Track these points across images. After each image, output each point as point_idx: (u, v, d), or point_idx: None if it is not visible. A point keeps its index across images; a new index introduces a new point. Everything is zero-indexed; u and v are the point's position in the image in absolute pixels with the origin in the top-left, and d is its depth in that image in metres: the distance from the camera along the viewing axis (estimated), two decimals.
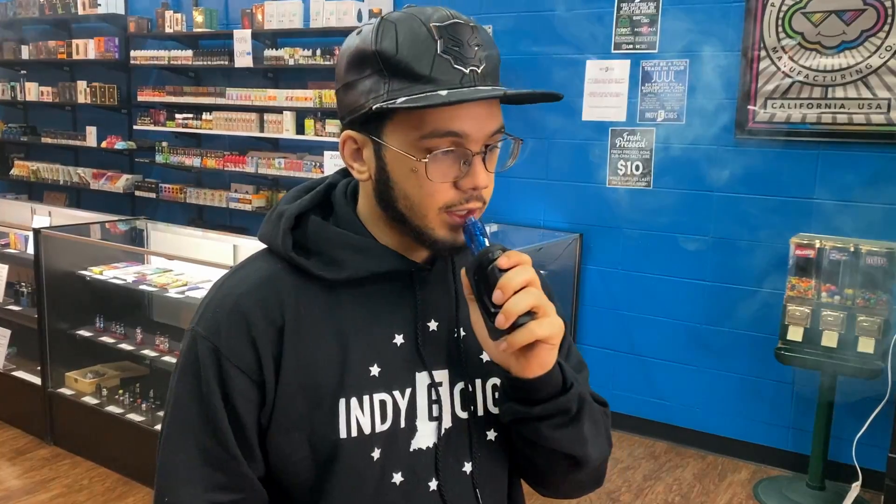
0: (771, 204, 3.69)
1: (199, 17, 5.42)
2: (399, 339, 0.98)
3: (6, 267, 4.27)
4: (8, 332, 4.18)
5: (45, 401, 3.85)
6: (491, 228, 4.44)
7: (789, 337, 3.40)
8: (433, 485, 0.98)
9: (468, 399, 1.00)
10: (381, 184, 0.94)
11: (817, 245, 3.35)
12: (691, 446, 4.03)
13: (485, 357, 1.02)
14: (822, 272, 3.35)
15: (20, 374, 4.05)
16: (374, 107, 0.88)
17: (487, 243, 0.90)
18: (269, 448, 0.94)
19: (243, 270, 1.00)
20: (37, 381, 3.91)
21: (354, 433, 0.94)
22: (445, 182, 0.91)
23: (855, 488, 3.27)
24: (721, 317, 3.86)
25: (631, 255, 4.11)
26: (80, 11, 5.90)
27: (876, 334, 3.25)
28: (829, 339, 3.33)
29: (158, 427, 3.01)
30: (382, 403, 0.95)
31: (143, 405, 3.60)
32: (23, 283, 4.28)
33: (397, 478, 0.96)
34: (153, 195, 5.83)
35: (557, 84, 4.18)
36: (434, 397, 0.98)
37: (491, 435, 1.02)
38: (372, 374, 0.95)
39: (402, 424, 0.96)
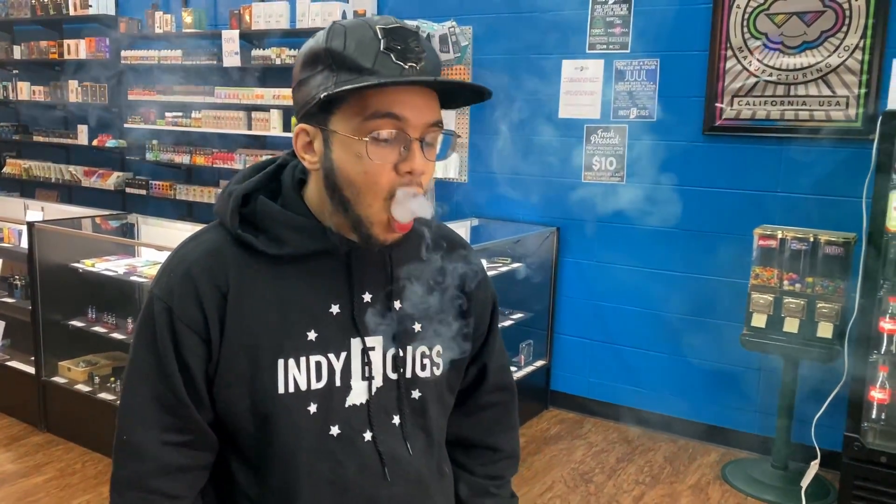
0: (737, 197, 3.86)
1: (188, 18, 5.55)
2: (335, 309, 1.09)
3: (0, 260, 4.38)
4: (2, 324, 4.30)
5: (38, 389, 3.98)
6: (472, 223, 4.59)
7: (753, 324, 3.56)
8: (367, 435, 1.10)
9: (399, 363, 1.13)
10: (329, 171, 1.03)
11: (779, 236, 3.51)
12: (664, 431, 4.18)
13: (416, 327, 1.15)
14: (783, 262, 3.51)
15: (14, 363, 4.17)
16: (321, 95, 0.98)
17: None
18: (216, 398, 1.06)
19: (196, 240, 1.11)
20: (30, 370, 4.03)
21: (291, 389, 1.05)
22: (386, 164, 1.00)
23: (813, 466, 3.43)
24: (691, 306, 4.02)
25: (606, 248, 4.26)
26: (72, 12, 6.01)
27: (834, 320, 3.41)
28: (791, 326, 3.49)
29: None
30: (318, 364, 1.07)
31: None
32: (16, 276, 4.39)
33: (334, 430, 1.08)
34: (144, 192, 5.95)
35: (535, 83, 4.34)
36: (367, 360, 1.10)
37: (415, 394, 1.15)
38: (309, 339, 1.07)
39: (338, 383, 1.08)
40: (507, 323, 4.25)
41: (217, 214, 1.11)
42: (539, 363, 4.45)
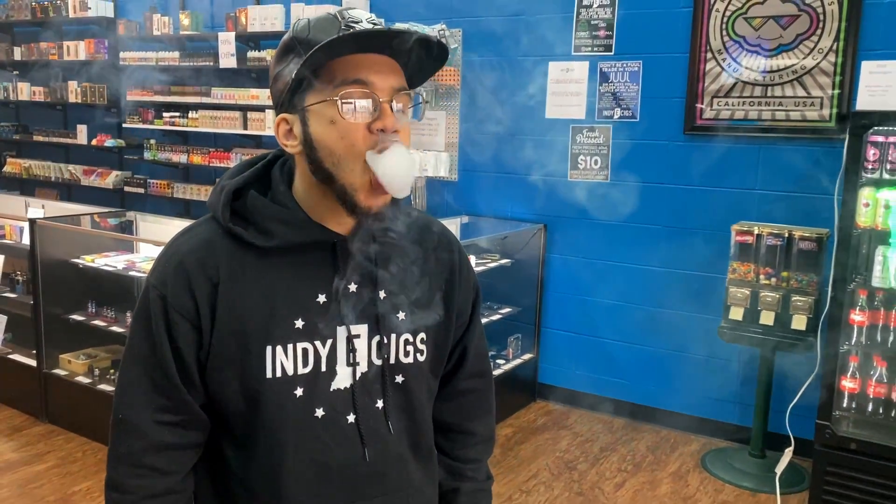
0: (717, 195, 3.99)
1: (185, 20, 5.67)
2: (322, 298, 1.14)
3: (2, 257, 4.50)
4: (4, 318, 4.42)
5: (40, 381, 4.10)
6: (462, 220, 4.72)
7: (731, 317, 3.69)
8: (351, 418, 1.16)
9: (383, 349, 1.18)
10: (309, 147, 1.08)
11: (756, 231, 3.64)
12: (647, 422, 4.31)
13: (400, 316, 1.20)
14: (760, 257, 3.64)
15: (16, 357, 4.29)
16: (293, 75, 1.05)
17: None
18: (208, 381, 1.13)
19: (189, 233, 1.17)
20: (32, 363, 4.15)
21: (279, 374, 1.12)
22: (359, 124, 1.05)
23: (787, 453, 3.56)
24: (673, 300, 4.15)
25: (591, 244, 4.39)
26: (71, 14, 6.14)
27: (808, 312, 3.55)
28: (767, 318, 3.62)
29: None
30: (304, 351, 1.13)
31: None
32: (18, 272, 4.51)
33: (319, 412, 1.14)
34: (142, 190, 6.07)
35: (522, 84, 4.47)
36: (352, 347, 1.16)
37: (399, 379, 1.20)
38: (296, 327, 1.12)
39: (324, 368, 1.14)
40: (496, 317, 4.38)
41: (210, 208, 1.16)
42: (527, 356, 4.57)
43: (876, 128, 3.19)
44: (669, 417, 4.26)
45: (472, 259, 4.26)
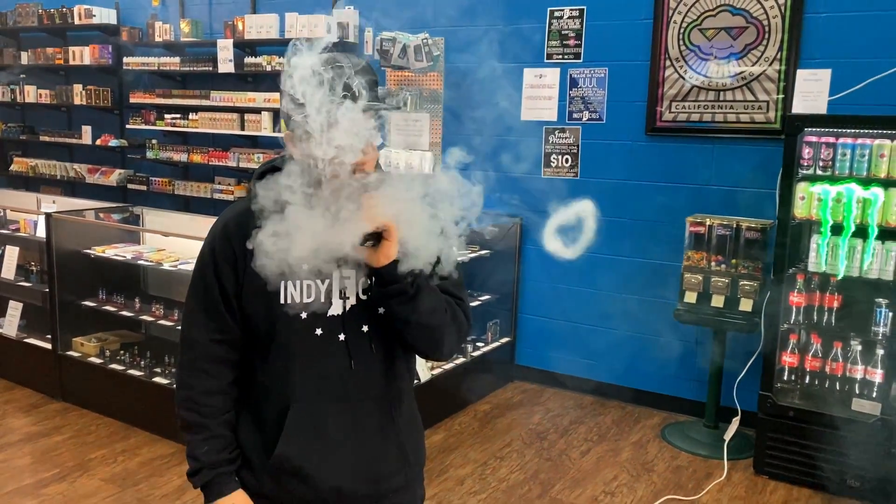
0: (674, 190, 4.37)
1: (185, 28, 6.02)
2: None
3: (17, 249, 4.84)
4: (20, 305, 4.76)
5: (55, 362, 4.45)
6: None
7: (686, 300, 4.07)
8: (342, 337, 1.57)
9: (368, 288, 1.58)
10: (298, 154, 1.47)
11: (708, 223, 4.03)
12: (614, 399, 4.69)
13: None
14: (711, 245, 4.02)
15: (32, 340, 4.64)
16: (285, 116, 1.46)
17: None
18: (243, 306, 1.57)
19: (232, 208, 1.63)
20: (47, 346, 4.50)
21: (290, 301, 1.54)
22: None
23: (735, 422, 3.95)
24: (636, 286, 4.53)
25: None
26: (77, 21, 6.47)
27: (754, 296, 3.93)
28: (718, 301, 4.00)
29: (155, 380, 4.24)
30: (309, 286, 1.55)
31: (142, 363, 4.20)
32: (31, 263, 4.85)
33: (319, 331, 1.55)
34: (144, 188, 6.42)
35: (499, 89, 4.84)
36: (343, 286, 1.57)
37: (381, 311, 1.57)
38: (304, 269, 1.50)
39: (322, 300, 1.55)
40: (476, 304, 4.74)
41: (247, 191, 1.64)
42: (504, 340, 4.95)
43: (808, 129, 3.58)
44: (634, 394, 4.64)
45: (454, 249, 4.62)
